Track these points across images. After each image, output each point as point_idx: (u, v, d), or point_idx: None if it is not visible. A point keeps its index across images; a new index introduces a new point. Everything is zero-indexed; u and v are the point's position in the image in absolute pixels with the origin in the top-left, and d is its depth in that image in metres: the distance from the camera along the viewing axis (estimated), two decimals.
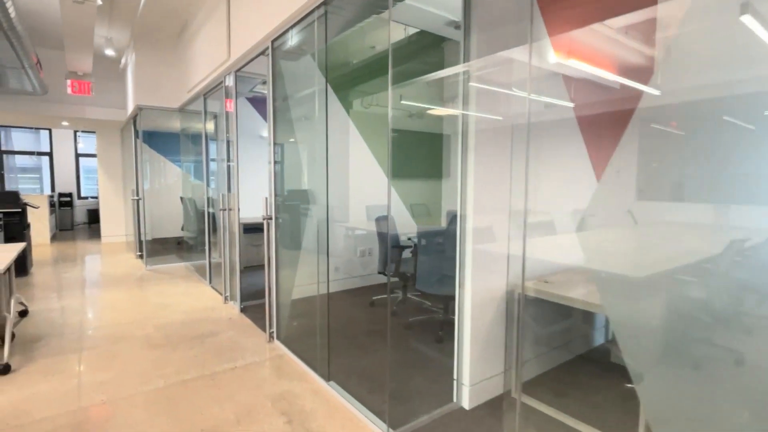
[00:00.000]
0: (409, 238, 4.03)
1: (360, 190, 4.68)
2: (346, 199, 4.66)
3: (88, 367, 2.64)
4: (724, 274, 1.74)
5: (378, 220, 3.90)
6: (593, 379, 2.52)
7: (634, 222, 2.52)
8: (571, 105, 2.71)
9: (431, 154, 5.78)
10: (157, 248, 7.19)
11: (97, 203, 10.57)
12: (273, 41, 2.91)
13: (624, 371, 2.57)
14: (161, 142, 8.43)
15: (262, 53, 3.10)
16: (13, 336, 3.07)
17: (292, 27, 2.68)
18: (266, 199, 3.01)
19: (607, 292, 1.92)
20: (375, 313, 3.80)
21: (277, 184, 3.09)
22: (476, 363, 2.20)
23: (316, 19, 2.50)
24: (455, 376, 2.22)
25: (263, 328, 3.34)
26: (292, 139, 3.93)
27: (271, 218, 3.01)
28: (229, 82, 3.80)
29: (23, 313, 3.63)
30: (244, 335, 3.21)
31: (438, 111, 5.00)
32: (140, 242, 6.35)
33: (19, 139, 10.15)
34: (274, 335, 3.10)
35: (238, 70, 3.57)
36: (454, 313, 2.89)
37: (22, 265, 5.11)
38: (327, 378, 2.45)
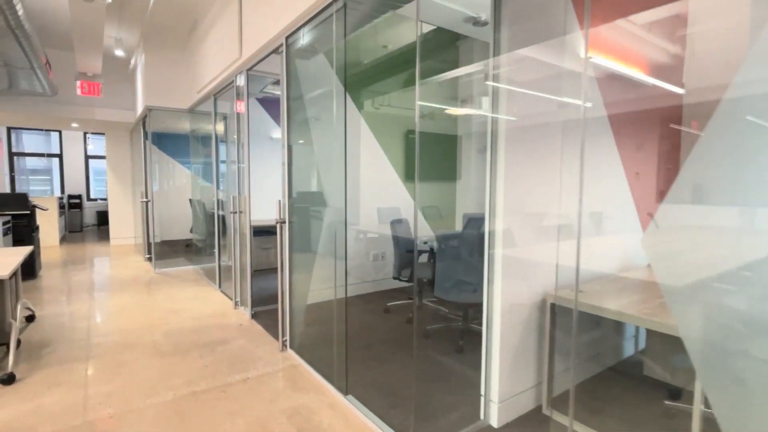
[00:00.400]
0: (425, 242, 3.89)
1: (370, 192, 4.55)
2: (357, 202, 4.54)
3: (94, 376, 2.53)
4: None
5: (393, 223, 3.77)
6: (628, 395, 2.36)
7: (656, 227, 2.36)
8: (602, 103, 2.56)
9: (443, 155, 5.65)
10: (165, 251, 7.12)
11: (106, 205, 10.56)
12: (287, 38, 2.80)
13: (660, 386, 2.41)
14: (170, 143, 8.38)
15: (275, 51, 2.99)
16: (18, 343, 2.98)
17: (307, 22, 2.57)
18: (279, 201, 2.89)
19: (680, 306, 1.75)
20: (390, 320, 3.66)
21: (291, 186, 2.97)
22: (505, 377, 2.05)
23: (335, 13, 2.38)
24: (483, 392, 2.08)
25: (275, 336, 3.21)
26: (301, 141, 3.82)
27: (284, 222, 2.89)
28: (241, 81, 3.70)
29: (30, 318, 3.54)
30: (256, 343, 3.09)
31: (460, 111, 4.86)
32: (149, 245, 6.27)
33: (30, 141, 10.17)
34: (287, 343, 2.97)
35: (250, 69, 3.46)
36: (474, 322, 2.73)
37: (30, 269, 5.04)
38: (345, 391, 2.32)
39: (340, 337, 2.62)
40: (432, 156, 5.52)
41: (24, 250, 3.19)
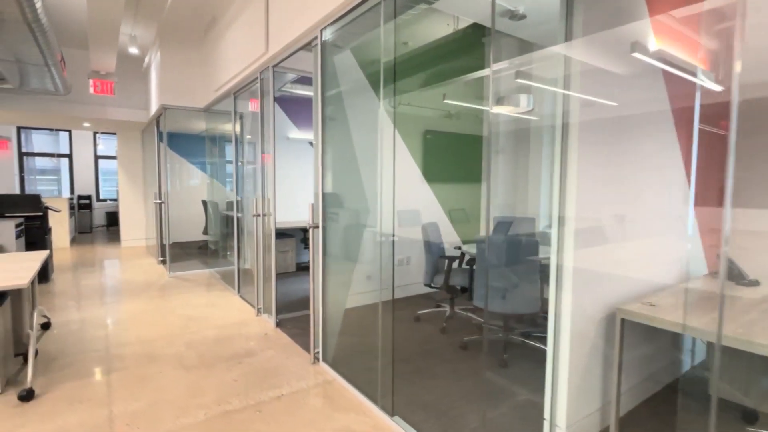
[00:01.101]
0: (458, 247, 3.70)
1: (391, 193, 4.37)
2: (384, 204, 4.36)
3: (118, 393, 2.36)
4: None
5: (426, 227, 3.59)
6: (697, 416, 2.17)
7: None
8: (666, 97, 2.37)
9: (468, 156, 5.46)
10: (178, 253, 6.97)
11: (116, 205, 10.45)
12: (322, 30, 2.62)
13: (733, 407, 2.21)
14: (182, 143, 8.24)
15: (307, 45, 2.82)
16: (35, 353, 2.82)
17: (347, 14, 2.39)
18: (312, 205, 2.71)
19: None
20: (422, 329, 3.47)
21: (323, 188, 2.79)
22: (573, 400, 1.86)
23: (382, 2, 2.20)
24: (546, 416, 1.89)
25: (304, 347, 3.04)
26: (332, 141, 3.65)
27: (317, 226, 2.71)
28: (265, 78, 3.53)
29: (46, 326, 3.38)
30: (285, 355, 2.91)
31: (504, 109, 4.67)
32: (162, 247, 6.12)
33: (39, 141, 10.07)
34: (320, 356, 2.79)
35: (276, 65, 3.29)
36: (515, 333, 2.55)
37: (43, 272, 4.90)
38: (390, 412, 2.14)
39: (379, 350, 2.43)
40: (456, 157, 5.33)
41: (40, 255, 3.03)
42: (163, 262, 6.13)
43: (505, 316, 3.05)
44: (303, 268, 5.77)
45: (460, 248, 3.65)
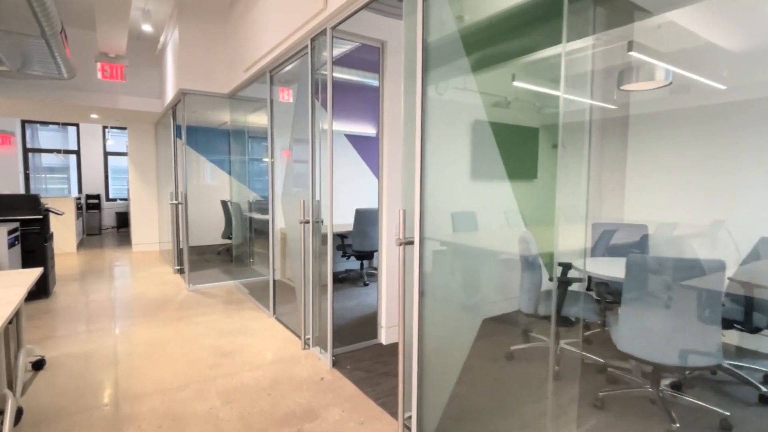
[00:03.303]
0: (561, 263, 2.89)
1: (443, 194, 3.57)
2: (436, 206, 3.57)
3: None
4: None
5: (524, 237, 2.78)
6: None
7: None
8: None
9: (521, 150, 4.60)
10: (196, 259, 6.24)
11: (126, 205, 9.77)
12: None
13: None
14: (199, 138, 7.51)
15: None
16: (20, 413, 2.06)
17: None
18: (403, 212, 1.91)
19: None
20: (521, 371, 2.67)
21: (422, 191, 1.99)
22: None
23: None
24: None
25: (376, 398, 2.25)
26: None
27: (410, 242, 1.91)
28: (318, 46, 2.75)
29: (38, 365, 2.63)
30: (358, 415, 2.12)
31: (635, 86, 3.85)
32: (179, 253, 5.38)
33: (46, 138, 9.42)
34: (413, 424, 2.00)
35: (338, 25, 2.50)
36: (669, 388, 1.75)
37: (42, 286, 4.17)
38: None
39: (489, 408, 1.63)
40: (507, 151, 4.47)
41: (29, 276, 2.27)
42: (180, 271, 5.39)
43: (658, 367, 2.23)
44: (339, 280, 4.99)
45: (566, 265, 2.84)
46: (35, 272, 2.38)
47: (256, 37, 3.65)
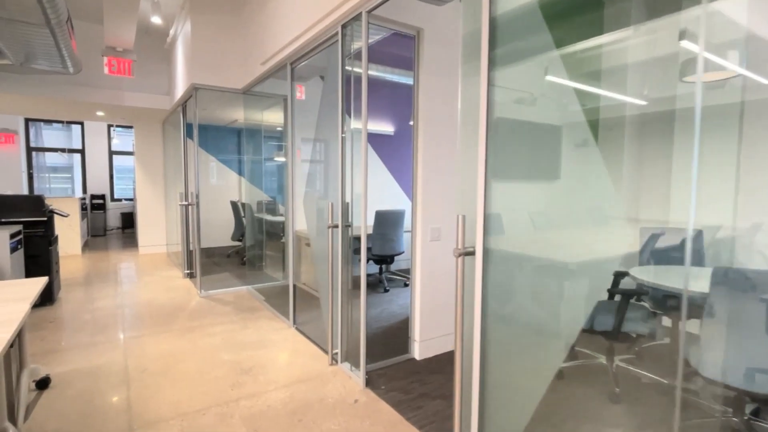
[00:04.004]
0: (621, 273, 2.63)
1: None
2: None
3: None
4: None
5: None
6: None
7: None
8: None
9: (542, 149, 4.31)
10: (204, 261, 6.00)
11: (131, 206, 9.55)
12: None
13: None
14: (207, 136, 7.28)
15: None
16: None
17: None
18: (462, 218, 1.66)
19: None
20: (576, 392, 2.41)
21: (486, 195, 1.73)
22: None
23: None
24: None
25: (422, 427, 2.00)
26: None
27: (471, 252, 1.66)
28: (350, 33, 2.50)
29: (43, 384, 2.39)
30: None
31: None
32: (189, 256, 5.14)
33: (50, 137, 9.21)
34: None
35: (374, 8, 2.25)
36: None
37: (47, 292, 3.94)
38: None
39: None
40: (528, 150, 4.20)
41: (32, 288, 2.03)
42: (190, 275, 5.15)
43: (752, 395, 1.97)
44: (356, 285, 4.74)
45: (621, 274, 2.58)
46: (39, 283, 2.14)
47: (275, 27, 3.41)
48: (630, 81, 2.07)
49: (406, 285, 4.82)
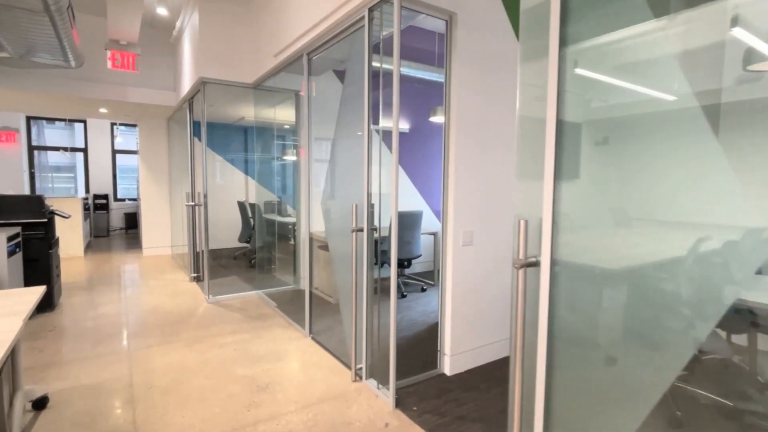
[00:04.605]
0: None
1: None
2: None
3: None
4: None
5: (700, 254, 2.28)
6: None
7: None
8: None
9: (638, 143, 4.04)
10: (211, 264, 5.78)
11: (134, 206, 9.35)
12: None
13: None
14: (213, 134, 7.06)
15: None
16: None
17: None
18: (524, 223, 1.42)
19: None
20: None
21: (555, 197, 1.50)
22: None
23: None
24: None
25: None
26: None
27: (534, 263, 1.42)
28: (379, 16, 2.27)
29: (40, 404, 2.17)
30: None
31: None
32: (195, 258, 4.93)
33: (52, 136, 9.01)
34: None
35: None
36: None
37: (47, 298, 3.73)
38: None
39: None
40: (618, 145, 3.92)
41: (29, 300, 1.80)
42: (197, 278, 4.93)
43: None
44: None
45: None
46: (35, 293, 1.92)
47: (291, 15, 3.18)
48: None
49: (423, 290, 4.59)
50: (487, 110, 2.61)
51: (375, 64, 2.38)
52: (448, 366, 2.59)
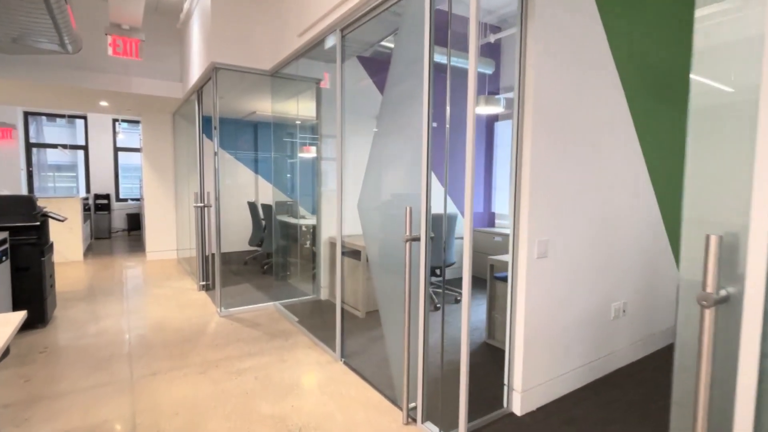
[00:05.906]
0: None
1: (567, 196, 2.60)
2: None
3: None
4: None
5: None
6: None
7: None
8: None
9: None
10: (220, 269, 5.33)
11: (137, 206, 8.91)
12: None
13: None
14: (222, 130, 6.61)
15: None
16: None
17: None
18: (715, 240, 0.96)
19: None
20: None
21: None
22: None
23: None
24: None
25: None
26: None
27: (726, 298, 0.97)
28: None
29: None
30: None
31: None
32: (204, 263, 4.48)
33: (52, 133, 8.59)
34: None
35: None
36: None
37: (38, 311, 3.29)
38: None
39: None
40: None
41: (3, 331, 1.35)
42: (207, 287, 4.49)
43: None
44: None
45: None
46: (12, 322, 1.47)
47: None
48: None
49: (457, 301, 4.13)
50: (573, 102, 2.16)
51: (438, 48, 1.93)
52: (519, 404, 2.13)
